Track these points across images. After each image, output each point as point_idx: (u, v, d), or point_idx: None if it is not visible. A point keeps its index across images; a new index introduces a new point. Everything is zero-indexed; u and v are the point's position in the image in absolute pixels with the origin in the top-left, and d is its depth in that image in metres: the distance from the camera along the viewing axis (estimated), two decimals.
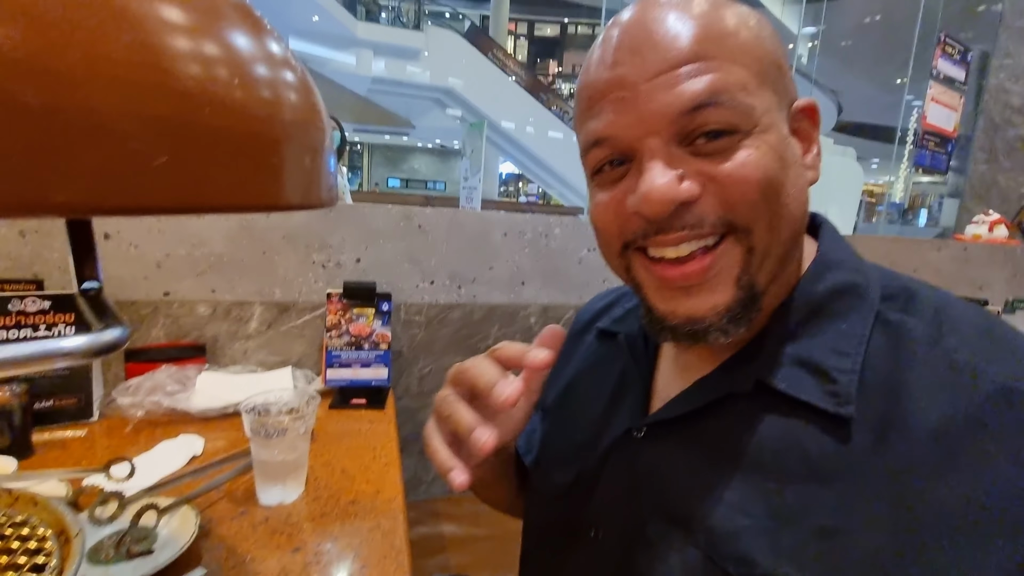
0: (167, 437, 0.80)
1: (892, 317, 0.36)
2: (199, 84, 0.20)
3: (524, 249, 1.14)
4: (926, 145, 3.54)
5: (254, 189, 0.24)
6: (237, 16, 0.24)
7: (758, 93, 0.34)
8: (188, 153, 0.19)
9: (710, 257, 0.34)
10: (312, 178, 0.29)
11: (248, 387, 0.93)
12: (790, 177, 0.35)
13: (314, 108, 0.29)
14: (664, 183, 0.33)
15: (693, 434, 0.39)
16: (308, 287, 1.03)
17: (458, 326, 1.13)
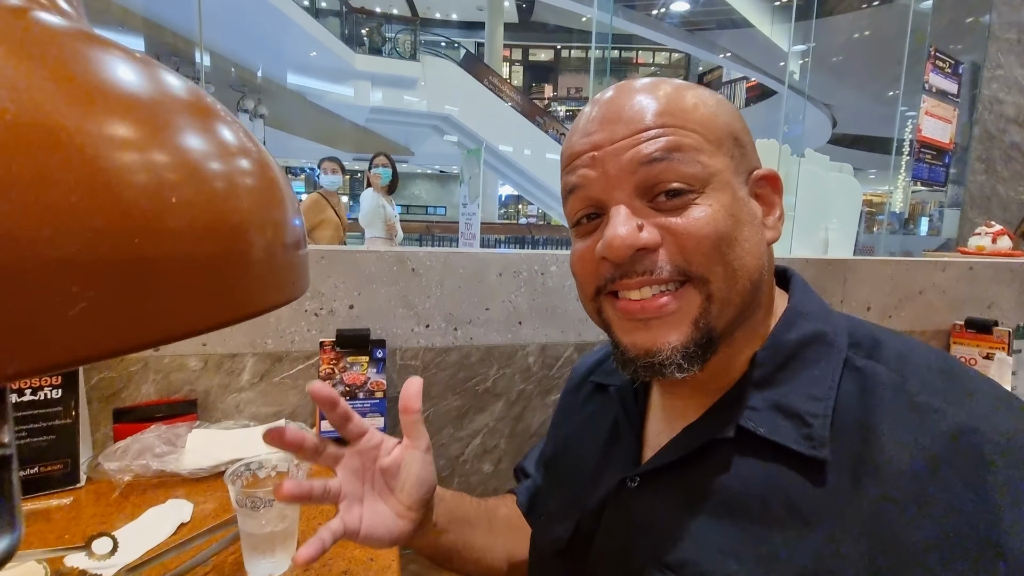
0: (155, 502, 0.78)
1: (859, 363, 0.39)
2: (124, 210, 0.18)
3: (520, 288, 1.12)
4: (923, 158, 3.54)
5: (208, 308, 0.22)
6: (180, 114, 0.22)
7: (712, 156, 0.38)
8: (116, 292, 0.17)
9: (667, 297, 0.38)
10: (275, 276, 0.27)
11: (240, 443, 0.90)
12: (744, 233, 0.39)
13: (273, 190, 0.27)
14: (624, 230, 0.37)
15: (683, 481, 0.41)
16: (301, 336, 1.01)
17: (455, 369, 1.11)
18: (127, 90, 0.20)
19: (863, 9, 8.48)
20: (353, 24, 10.63)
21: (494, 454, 1.17)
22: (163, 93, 0.22)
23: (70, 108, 0.17)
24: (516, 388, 1.15)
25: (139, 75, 0.21)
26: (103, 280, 0.17)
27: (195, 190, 0.21)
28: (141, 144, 0.19)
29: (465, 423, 1.14)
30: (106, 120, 0.18)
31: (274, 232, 0.27)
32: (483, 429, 1.15)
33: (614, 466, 0.48)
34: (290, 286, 0.29)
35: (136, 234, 0.18)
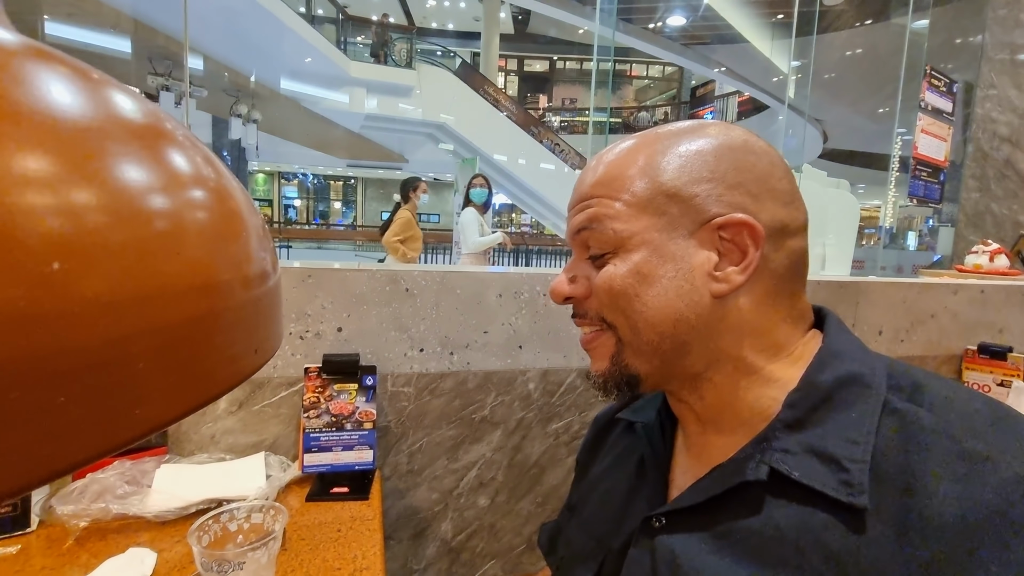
0: (115, 550, 0.69)
1: (900, 406, 0.37)
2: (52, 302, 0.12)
3: (521, 310, 1.05)
4: (919, 175, 3.54)
5: (159, 404, 0.15)
6: (117, 149, 0.16)
7: (630, 220, 0.42)
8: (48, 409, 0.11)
9: (592, 335, 0.45)
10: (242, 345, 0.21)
11: (214, 480, 0.82)
12: (656, 287, 0.41)
13: (231, 231, 0.21)
14: (556, 282, 0.46)
15: (712, 523, 0.40)
16: (284, 360, 0.94)
17: (451, 396, 1.03)
18: (42, 112, 0.14)
19: (857, 27, 8.58)
20: (350, 32, 10.61)
21: (491, 487, 1.09)
22: (97, 115, 0.16)
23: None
24: (515, 416, 1.08)
25: (67, 94, 0.16)
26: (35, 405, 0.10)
27: (124, 234, 0.15)
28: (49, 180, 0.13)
29: (460, 454, 1.06)
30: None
31: (234, 273, 0.20)
32: (479, 460, 1.07)
33: (639, 504, 0.47)
34: (261, 350, 0.23)
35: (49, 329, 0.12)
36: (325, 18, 10.68)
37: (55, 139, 0.14)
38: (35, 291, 0.12)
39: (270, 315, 0.23)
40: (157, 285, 0.16)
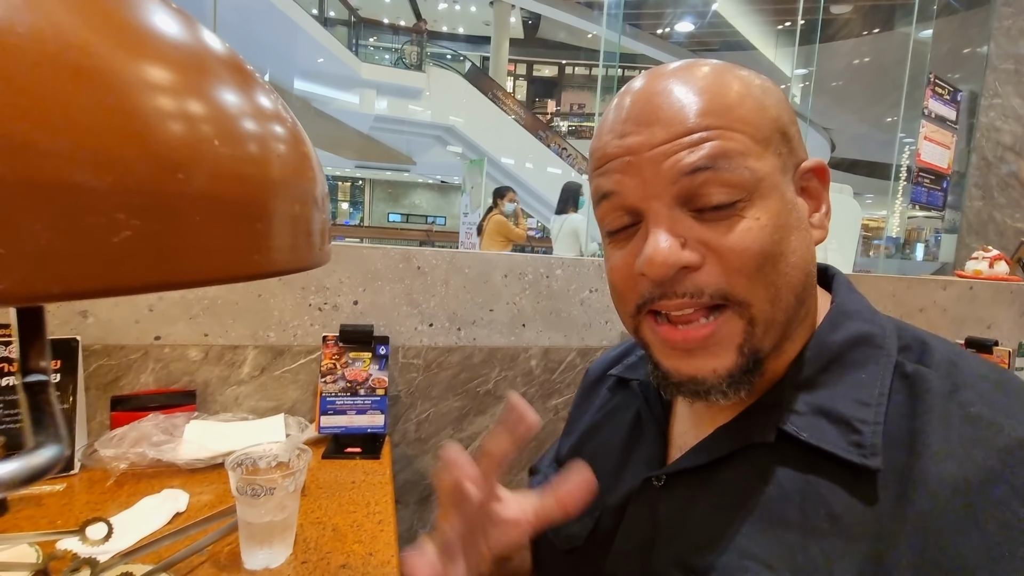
0: (150, 491, 0.76)
1: (909, 369, 0.37)
2: (172, 149, 0.18)
3: (525, 291, 1.12)
4: (921, 182, 3.58)
5: (236, 258, 0.22)
6: (222, 71, 0.22)
7: (760, 158, 0.35)
8: (156, 225, 0.17)
9: (711, 326, 0.36)
10: (301, 239, 0.27)
11: (238, 436, 0.89)
12: (792, 243, 0.36)
13: (305, 160, 0.27)
14: (666, 247, 0.35)
15: (714, 483, 0.39)
16: (304, 330, 1.01)
17: (457, 370, 1.10)
18: (168, 37, 0.20)
19: (863, 36, 8.63)
20: (362, 33, 10.73)
21: None
22: (200, 46, 0.22)
23: (97, 37, 0.17)
24: (518, 391, 1.14)
25: (181, 27, 0.21)
26: (147, 212, 0.17)
27: (234, 136, 0.21)
28: (170, 86, 0.19)
29: (465, 425, 1.12)
30: (136, 57, 0.18)
31: (304, 192, 0.27)
32: (483, 431, 1.14)
33: (637, 464, 0.46)
34: (314, 251, 0.29)
35: (178, 170, 0.18)
36: (337, 20, 10.82)
37: (172, 57, 0.19)
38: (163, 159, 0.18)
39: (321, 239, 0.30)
40: (245, 196, 0.22)
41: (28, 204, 0.13)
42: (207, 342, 0.96)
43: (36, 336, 0.16)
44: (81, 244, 0.15)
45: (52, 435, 0.13)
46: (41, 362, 0.16)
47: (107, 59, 0.17)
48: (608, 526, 0.46)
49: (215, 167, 0.20)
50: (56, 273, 0.14)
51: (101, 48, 0.17)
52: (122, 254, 0.16)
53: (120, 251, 0.16)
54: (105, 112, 0.16)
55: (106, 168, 0.15)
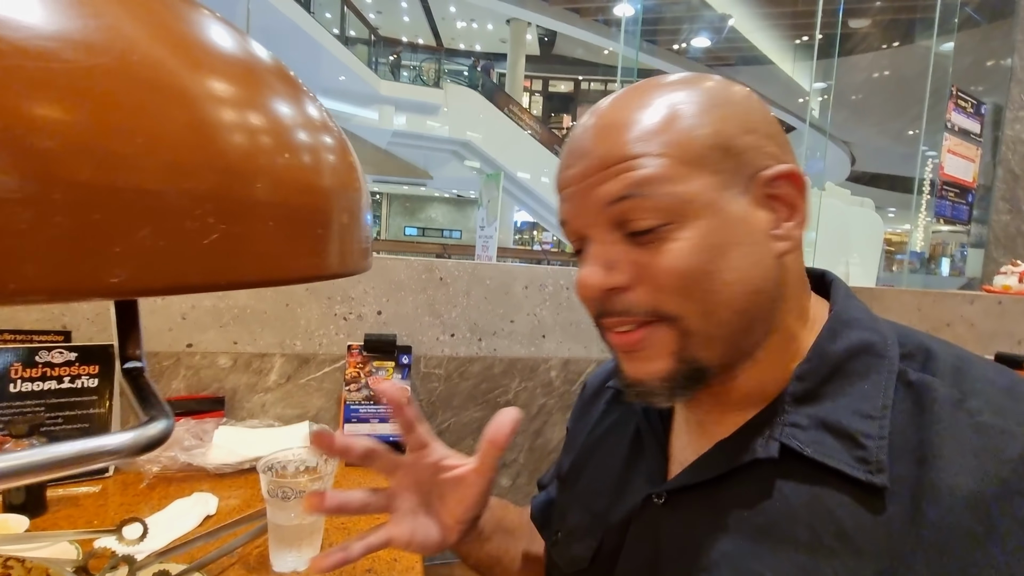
0: (181, 494, 0.78)
1: (913, 377, 0.36)
2: (249, 159, 0.20)
3: (545, 302, 1.13)
4: (946, 196, 3.52)
5: (300, 261, 0.23)
6: (278, 83, 0.24)
7: (686, 181, 0.35)
8: (238, 229, 0.19)
9: (639, 333, 0.37)
10: (351, 245, 0.29)
11: (265, 442, 0.91)
12: (729, 260, 0.35)
13: (352, 170, 0.29)
14: (589, 274, 0.37)
15: (717, 500, 0.38)
16: (329, 339, 1.03)
17: (478, 380, 1.11)
18: (228, 54, 0.22)
19: (883, 50, 8.57)
20: (381, 51, 10.96)
21: (512, 468, 1.16)
22: (261, 62, 0.24)
23: (183, 59, 0.18)
24: (537, 402, 1.15)
25: (235, 40, 0.23)
26: (232, 217, 0.19)
27: (297, 148, 0.23)
28: (246, 102, 0.21)
29: None
30: (216, 76, 0.20)
31: (353, 199, 0.28)
32: None
33: (638, 480, 0.45)
34: (361, 256, 0.31)
35: (257, 179, 0.20)
36: (358, 39, 11.10)
37: (237, 71, 0.21)
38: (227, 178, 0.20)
39: (367, 246, 0.31)
40: (307, 204, 0.23)
41: (140, 210, 0.15)
42: (236, 350, 0.98)
43: (132, 327, 0.18)
44: (180, 245, 0.16)
45: (160, 410, 0.15)
46: (136, 351, 0.17)
47: (191, 80, 0.19)
48: (612, 546, 0.45)
49: (283, 177, 0.22)
50: (160, 270, 0.16)
51: (184, 69, 0.19)
52: (212, 254, 0.17)
53: (211, 252, 0.17)
54: (195, 129, 0.18)
55: (200, 179, 0.17)
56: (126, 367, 0.17)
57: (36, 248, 0.13)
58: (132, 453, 0.14)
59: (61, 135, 0.14)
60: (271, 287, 0.21)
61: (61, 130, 0.14)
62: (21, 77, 0.14)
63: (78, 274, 0.14)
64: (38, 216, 0.13)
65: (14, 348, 0.79)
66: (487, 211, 5.18)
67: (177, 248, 0.16)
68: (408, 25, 14.65)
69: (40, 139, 0.14)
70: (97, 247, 0.14)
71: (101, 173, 0.15)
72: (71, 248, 0.14)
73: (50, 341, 0.85)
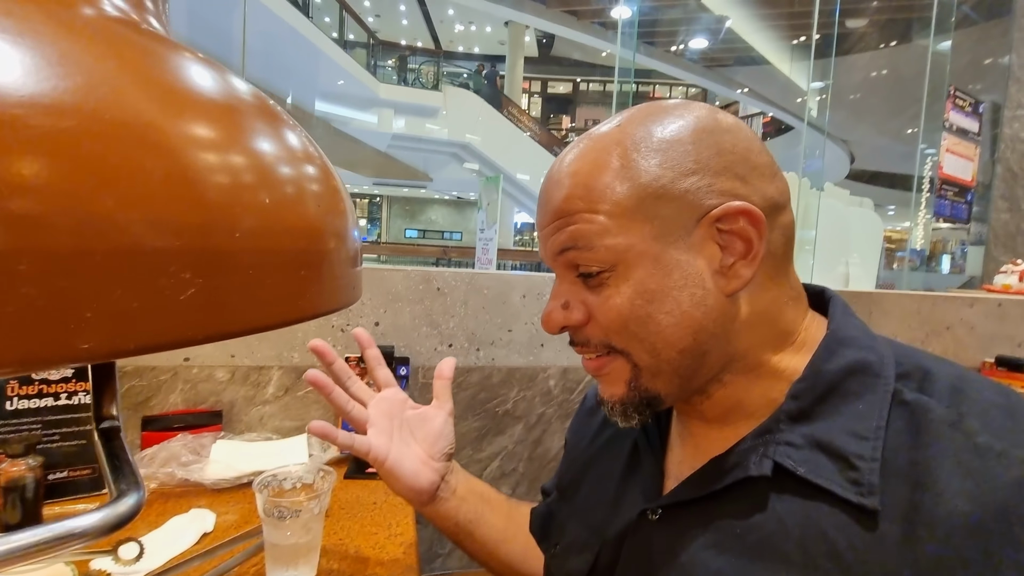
0: (179, 511, 0.78)
1: (909, 397, 0.36)
2: (228, 208, 0.19)
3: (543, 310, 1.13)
4: (945, 195, 3.52)
5: (285, 305, 0.23)
6: (257, 119, 0.23)
7: (620, 233, 0.37)
8: (216, 281, 0.19)
9: (598, 361, 0.41)
10: (338, 280, 0.28)
11: (263, 456, 0.90)
12: (666, 305, 0.37)
13: (336, 194, 0.28)
14: (550, 312, 0.42)
15: (711, 517, 0.39)
16: None
17: (476, 390, 1.11)
18: (204, 93, 0.21)
19: (880, 49, 8.58)
20: (380, 55, 10.96)
21: (512, 477, 1.15)
22: (235, 97, 0.23)
23: (155, 108, 0.18)
24: (536, 411, 1.15)
25: (212, 79, 0.22)
26: (209, 269, 0.18)
27: (279, 190, 0.23)
28: (221, 146, 0.20)
29: (484, 445, 1.13)
30: (189, 122, 0.19)
31: (337, 241, 0.28)
32: (502, 452, 1.14)
33: (634, 495, 0.46)
34: (351, 291, 0.31)
35: (235, 229, 0.20)
36: (356, 42, 11.12)
37: (210, 113, 0.20)
38: (217, 217, 0.20)
39: (358, 273, 0.31)
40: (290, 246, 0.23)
41: (113, 272, 0.15)
42: (233, 363, 0.98)
43: (108, 386, 0.17)
44: (154, 303, 0.16)
45: (132, 482, 0.14)
46: (112, 409, 0.17)
47: (164, 130, 0.18)
48: (607, 561, 0.45)
49: (265, 221, 0.21)
50: (132, 331, 0.16)
51: (158, 119, 0.18)
52: (188, 310, 0.17)
53: (186, 307, 0.17)
54: (170, 181, 0.17)
55: (175, 233, 0.17)
56: (101, 427, 0.17)
57: (1, 320, 0.13)
58: (102, 534, 0.13)
59: (31, 200, 0.14)
60: (257, 334, 0.20)
61: (32, 195, 0.14)
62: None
63: (47, 343, 0.14)
64: (4, 287, 0.13)
65: None
66: (487, 214, 5.18)
67: (151, 307, 0.16)
68: (406, 28, 14.67)
69: (11, 204, 0.14)
70: (66, 315, 0.14)
71: (73, 238, 0.15)
72: (38, 318, 0.14)
73: None
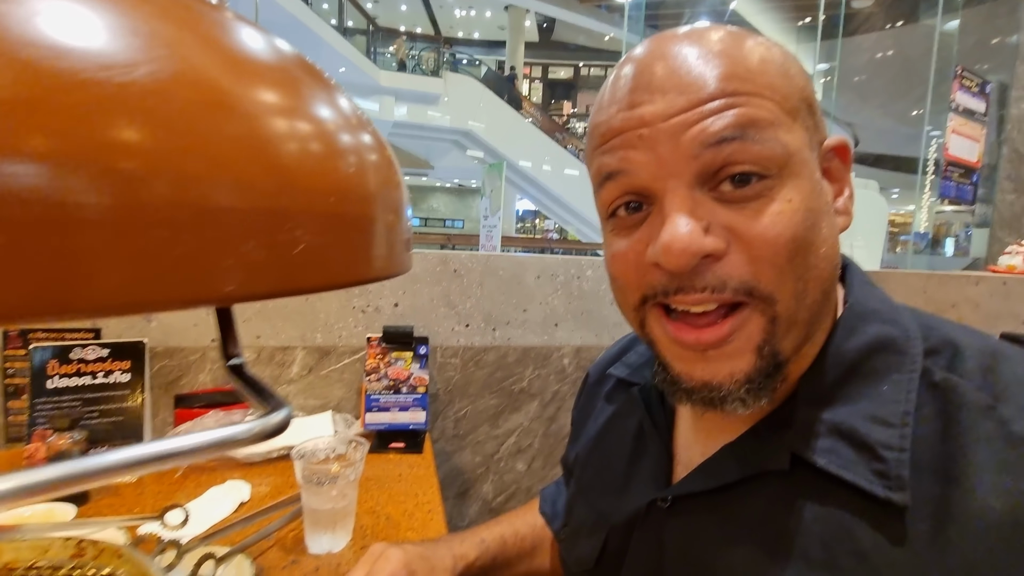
0: (214, 483, 0.82)
1: (938, 378, 0.32)
2: (322, 173, 0.22)
3: (557, 291, 1.16)
4: (950, 176, 3.51)
5: (349, 267, 0.26)
6: (313, 83, 0.25)
7: (790, 131, 0.31)
8: (319, 239, 0.21)
9: (728, 324, 0.32)
10: (395, 247, 0.31)
11: (290, 432, 0.94)
12: (822, 231, 0.31)
13: (391, 167, 0.30)
14: (687, 232, 0.30)
15: (724, 508, 0.36)
16: (348, 331, 1.06)
17: (492, 368, 1.14)
18: (271, 62, 0.23)
19: (887, 30, 8.49)
20: (380, 42, 10.88)
21: (528, 453, 1.19)
22: (289, 61, 0.25)
23: (231, 76, 0.20)
24: (551, 389, 1.18)
25: (273, 47, 0.24)
26: (315, 229, 0.21)
27: (348, 156, 0.25)
28: (291, 112, 0.22)
29: (500, 422, 1.16)
30: (261, 88, 0.21)
31: (396, 198, 0.30)
32: (518, 428, 1.17)
33: (642, 481, 0.43)
34: (405, 257, 0.33)
35: (330, 194, 0.22)
36: (356, 30, 11.02)
37: (273, 78, 0.22)
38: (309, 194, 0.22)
39: (409, 242, 0.33)
40: (358, 211, 0.25)
41: (246, 227, 0.18)
42: (259, 344, 1.01)
43: (230, 328, 0.20)
44: (275, 256, 0.19)
45: (278, 401, 0.17)
46: (236, 349, 0.20)
47: (241, 97, 0.20)
48: (616, 547, 0.44)
49: (342, 186, 0.24)
50: (259, 279, 0.18)
51: (234, 87, 0.20)
52: (298, 263, 0.20)
53: (298, 261, 0.20)
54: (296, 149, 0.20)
55: (294, 197, 0.19)
56: (230, 363, 0.19)
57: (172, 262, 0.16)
58: (257, 440, 0.16)
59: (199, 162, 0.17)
60: (330, 291, 0.23)
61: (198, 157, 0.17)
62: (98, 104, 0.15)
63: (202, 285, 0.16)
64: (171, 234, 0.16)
65: (51, 346, 0.83)
66: (490, 201, 5.18)
67: (273, 259, 0.19)
68: (406, 14, 14.53)
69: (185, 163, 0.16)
70: (214, 261, 0.17)
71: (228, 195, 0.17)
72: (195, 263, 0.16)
73: (82, 338, 0.88)
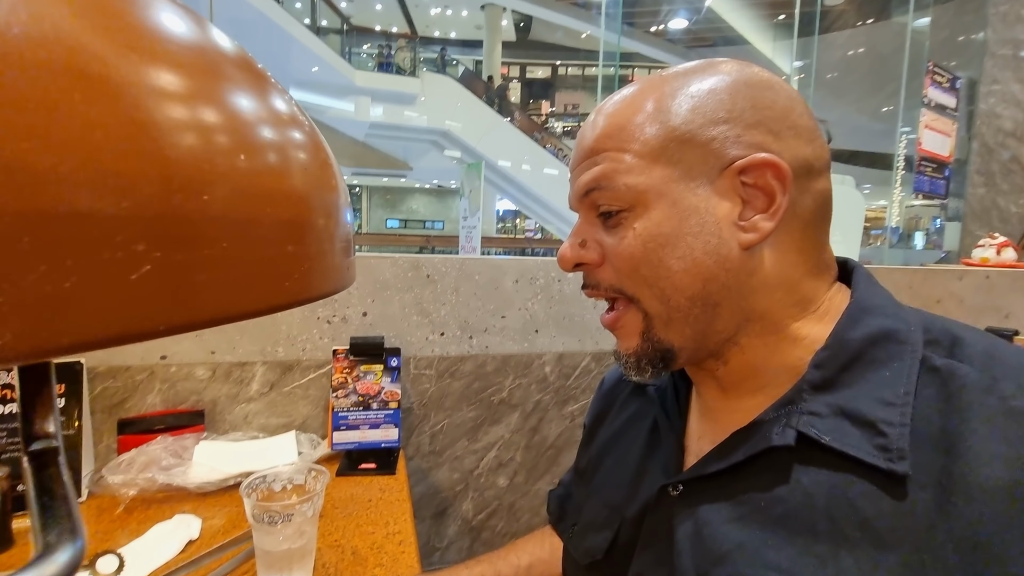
0: (161, 517, 0.74)
1: (938, 363, 0.35)
2: (197, 164, 0.16)
3: (537, 295, 1.09)
4: (924, 171, 3.56)
5: (268, 287, 0.19)
6: (235, 71, 0.19)
7: (642, 173, 0.38)
8: (180, 255, 0.15)
9: (616, 313, 0.42)
10: (331, 259, 0.24)
11: (249, 455, 0.86)
12: (678, 250, 0.37)
13: (327, 168, 0.24)
14: (567, 247, 0.42)
15: (733, 490, 0.38)
16: (313, 344, 0.98)
17: (470, 379, 1.07)
18: (178, 38, 0.17)
19: (859, 27, 8.63)
20: (355, 41, 10.71)
21: (509, 467, 1.13)
22: (214, 49, 0.19)
23: (109, 49, 0.14)
24: (532, 399, 1.12)
25: (190, 26, 0.19)
26: (169, 241, 0.14)
27: (258, 149, 0.19)
28: (196, 98, 0.16)
29: (480, 435, 1.10)
30: (157, 67, 0.15)
31: (327, 218, 0.24)
32: (498, 442, 1.11)
33: (654, 471, 0.45)
34: (345, 273, 0.27)
35: (203, 191, 0.16)
36: (330, 29, 10.83)
37: (185, 60, 0.16)
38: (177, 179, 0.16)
39: (350, 255, 0.27)
40: (273, 216, 0.19)
41: (31, 240, 0.11)
42: (214, 360, 0.93)
43: (42, 395, 0.13)
44: (94, 284, 0.12)
45: (65, 528, 0.11)
46: (49, 426, 0.13)
47: (117, 65, 0.14)
48: (627, 538, 0.45)
49: (241, 184, 0.17)
50: (65, 322, 0.12)
51: (109, 52, 0.14)
52: (141, 293, 0.13)
53: (139, 289, 0.13)
54: (117, 126, 0.13)
55: (122, 192, 0.13)
56: (32, 449, 0.12)
57: None
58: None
59: None
60: (232, 323, 0.16)
61: None
62: None
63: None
64: None
65: None
66: (469, 201, 5.12)
67: (90, 290, 0.12)
68: (381, 13, 14.34)
69: None
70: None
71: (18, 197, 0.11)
72: None
73: None
